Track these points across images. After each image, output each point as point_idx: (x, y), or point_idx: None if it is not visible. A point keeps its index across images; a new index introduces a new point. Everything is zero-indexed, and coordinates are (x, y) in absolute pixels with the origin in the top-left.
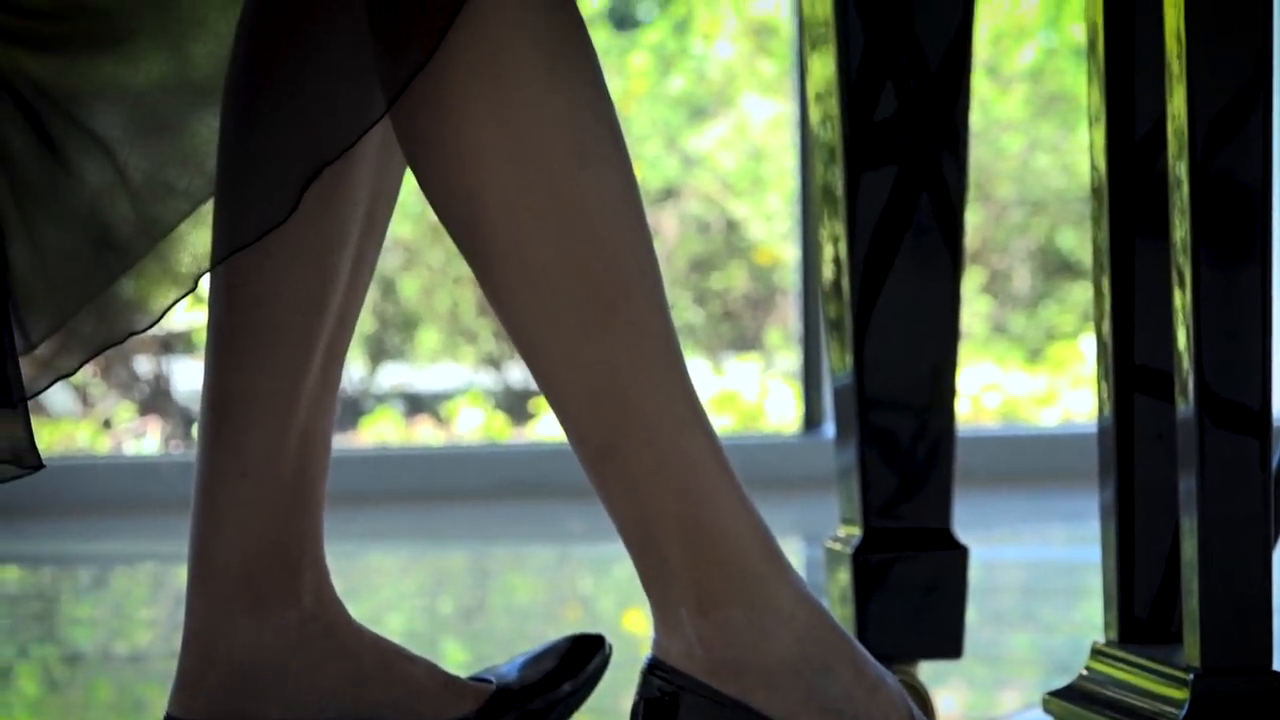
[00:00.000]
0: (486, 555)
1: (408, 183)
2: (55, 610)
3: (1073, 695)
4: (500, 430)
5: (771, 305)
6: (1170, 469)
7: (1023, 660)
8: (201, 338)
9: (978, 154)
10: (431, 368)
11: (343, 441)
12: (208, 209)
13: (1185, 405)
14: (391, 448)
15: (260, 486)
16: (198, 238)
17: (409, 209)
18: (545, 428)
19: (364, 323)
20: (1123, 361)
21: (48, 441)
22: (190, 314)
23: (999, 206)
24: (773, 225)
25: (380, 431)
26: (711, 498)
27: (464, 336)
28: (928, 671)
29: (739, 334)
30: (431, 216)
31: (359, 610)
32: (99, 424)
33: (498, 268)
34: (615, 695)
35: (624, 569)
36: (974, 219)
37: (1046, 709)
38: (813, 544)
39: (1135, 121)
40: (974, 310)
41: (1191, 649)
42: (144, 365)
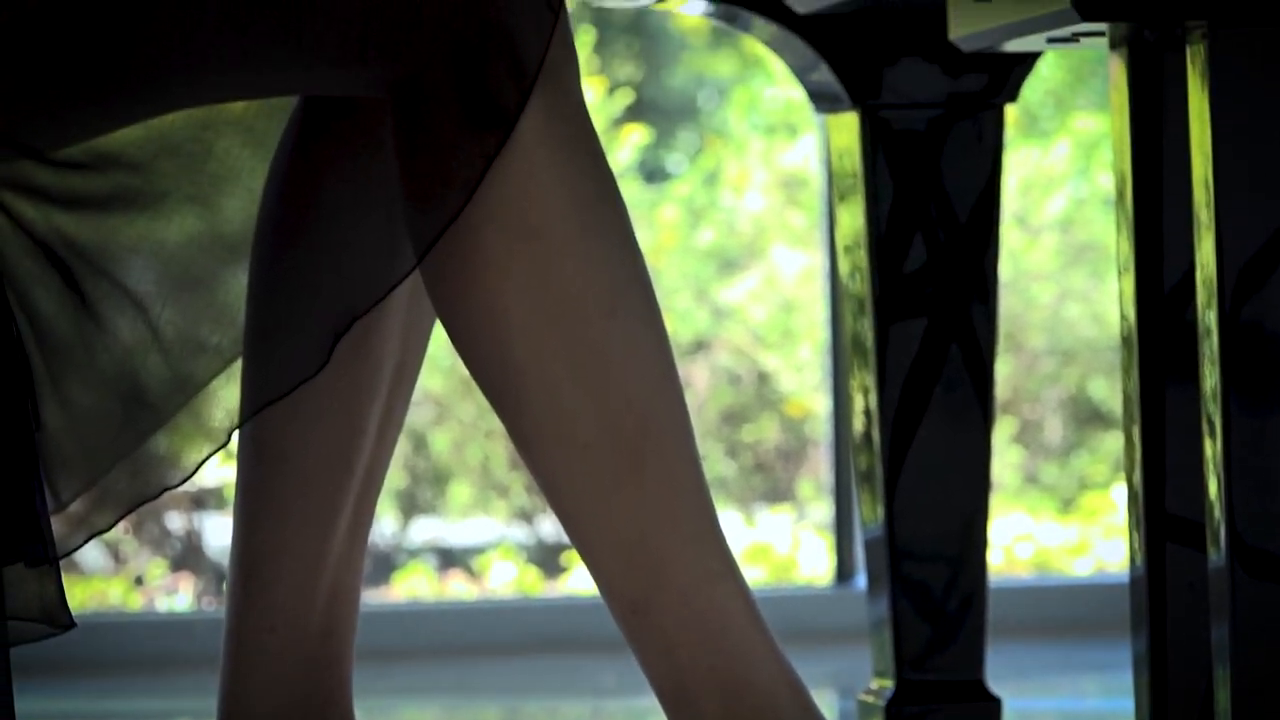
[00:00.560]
0: (519, 710)
1: (438, 335)
2: None
3: None
4: (533, 584)
5: (803, 457)
6: (1203, 619)
7: None
8: (233, 493)
9: (1008, 304)
10: (463, 522)
11: (375, 596)
12: (239, 363)
13: (1217, 554)
14: (424, 602)
15: (289, 642)
16: (230, 393)
17: (439, 362)
18: (578, 582)
19: (396, 477)
20: (1154, 511)
21: (80, 599)
22: (222, 469)
23: (1030, 356)
24: (804, 377)
25: (413, 586)
26: (744, 651)
27: (496, 490)
28: None
29: (771, 486)
30: (462, 370)
31: None
32: (131, 581)
33: (529, 422)
34: None
35: None
36: (1004, 369)
37: None
38: (846, 697)
39: (1164, 270)
40: (1005, 460)
41: None
42: (176, 521)
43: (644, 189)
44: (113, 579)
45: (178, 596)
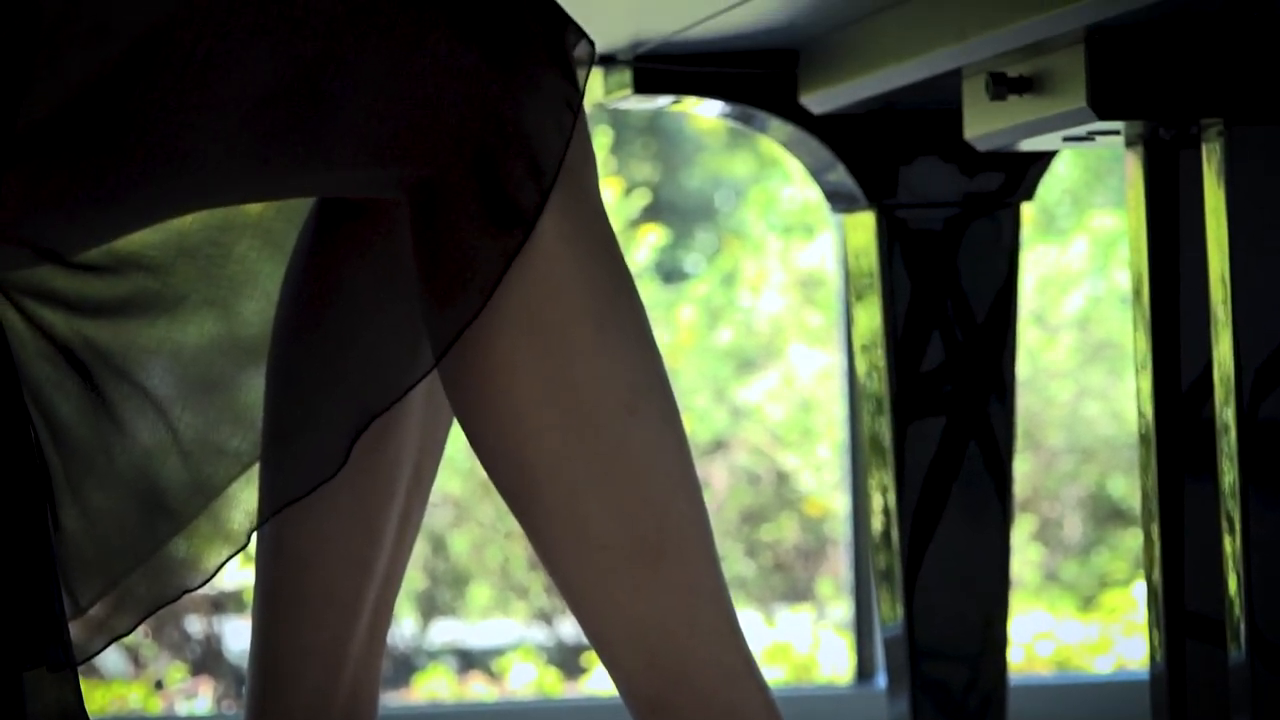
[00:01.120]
0: None
1: (455, 436)
2: None
3: None
4: (553, 686)
5: (823, 556)
6: (1225, 716)
7: None
8: (252, 596)
9: (1026, 402)
10: (483, 623)
11: (396, 699)
12: (258, 466)
13: (1238, 651)
14: (445, 704)
15: None
16: (249, 495)
17: (458, 464)
18: (598, 683)
19: (415, 579)
20: (1174, 608)
21: (100, 703)
22: (241, 572)
23: (1049, 454)
24: (823, 476)
25: (433, 688)
26: None
27: (515, 592)
28: None
29: (790, 585)
30: (481, 472)
31: None
32: (151, 685)
33: (547, 522)
34: None
35: None
36: (1023, 467)
37: None
38: None
39: (1181, 368)
40: (1025, 558)
41: None
42: (195, 625)
43: (662, 289)
44: (133, 683)
45: (198, 700)
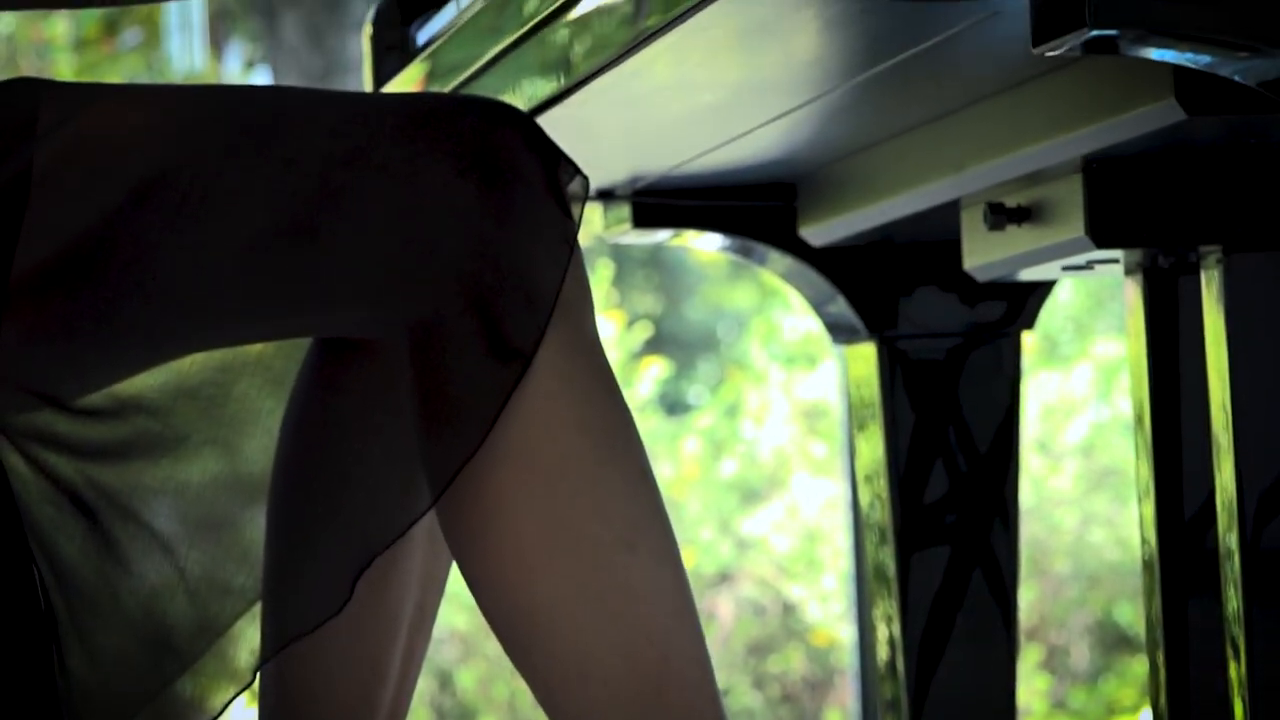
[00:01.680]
0: None
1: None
2: None
3: None
4: None
5: (830, 687)
6: None
7: None
8: None
9: (1031, 530)
10: None
11: None
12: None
13: None
14: None
15: None
16: (254, 632)
17: (463, 600)
18: None
19: (422, 715)
20: None
21: None
22: (248, 711)
23: (1055, 582)
24: (828, 606)
25: None
26: None
27: None
28: None
29: (798, 716)
30: None
31: None
32: None
33: (545, 659)
34: None
35: None
36: (1029, 595)
37: None
38: None
39: (1184, 494)
40: (1033, 687)
41: None
42: None
43: (665, 421)
44: None
45: None
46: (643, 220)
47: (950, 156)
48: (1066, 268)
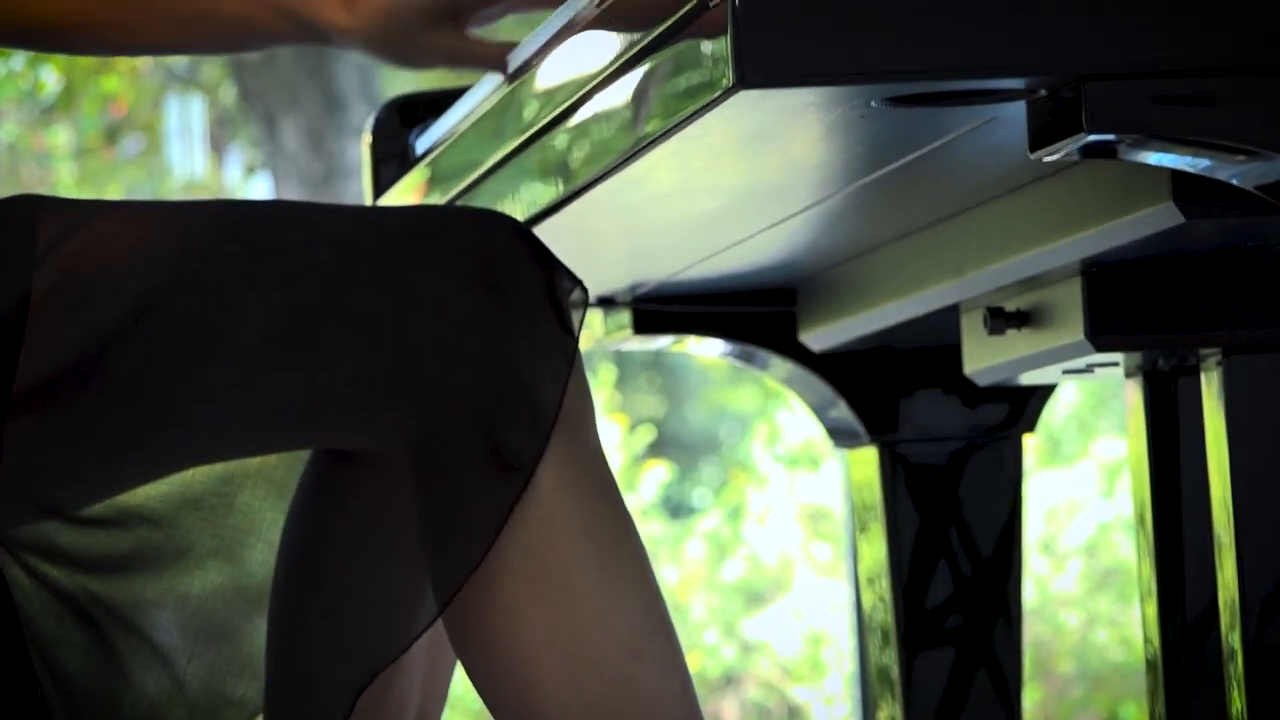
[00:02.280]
0: None
1: (463, 676)
2: None
3: None
4: None
5: None
6: None
7: None
8: None
9: (1035, 630)
10: None
11: None
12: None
13: None
14: None
15: None
16: None
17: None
18: None
19: None
20: None
21: None
22: None
23: (1060, 682)
24: (833, 709)
25: None
26: None
27: None
28: None
29: None
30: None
31: None
32: None
33: None
34: None
35: None
36: (1034, 696)
37: None
38: None
39: (1186, 594)
40: None
41: None
42: None
43: (668, 524)
44: None
45: None
46: (643, 327)
47: (950, 261)
48: (1067, 371)
